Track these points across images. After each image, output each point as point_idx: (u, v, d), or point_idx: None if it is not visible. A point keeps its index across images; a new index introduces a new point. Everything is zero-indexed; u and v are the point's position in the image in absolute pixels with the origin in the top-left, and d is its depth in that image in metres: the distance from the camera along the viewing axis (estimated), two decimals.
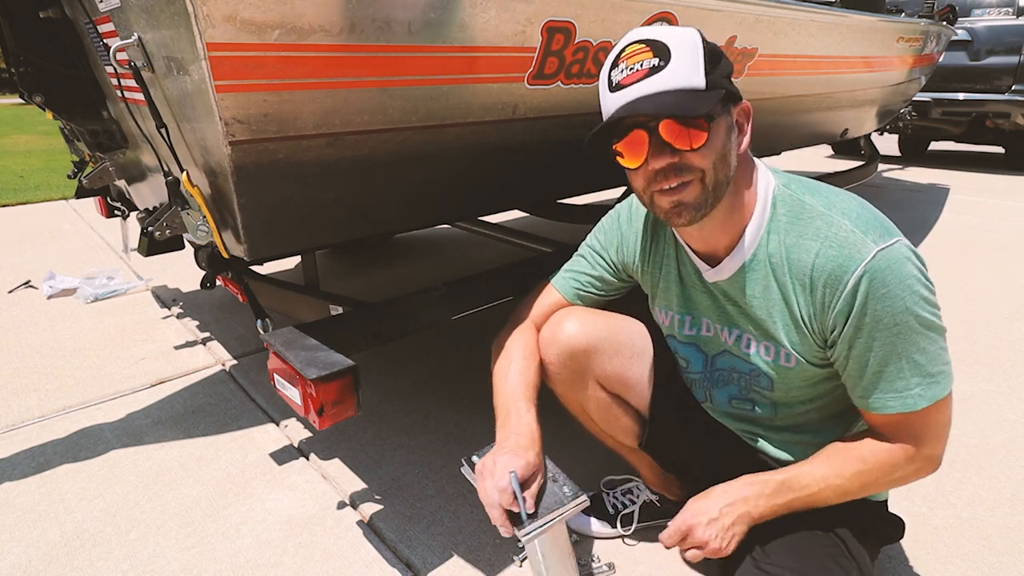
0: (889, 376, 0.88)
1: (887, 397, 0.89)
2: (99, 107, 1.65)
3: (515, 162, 1.62)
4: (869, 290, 0.84)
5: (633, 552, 1.31)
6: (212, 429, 1.78)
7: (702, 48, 0.85)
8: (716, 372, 1.11)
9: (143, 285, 2.98)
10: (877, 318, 0.85)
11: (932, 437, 0.92)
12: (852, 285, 0.85)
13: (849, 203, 0.90)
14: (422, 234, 3.75)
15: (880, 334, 0.86)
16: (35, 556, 1.31)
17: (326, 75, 1.10)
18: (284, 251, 1.39)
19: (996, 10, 5.77)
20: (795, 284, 0.92)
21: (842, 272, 0.86)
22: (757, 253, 0.94)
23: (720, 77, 0.86)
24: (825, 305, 0.89)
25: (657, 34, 0.86)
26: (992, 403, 1.90)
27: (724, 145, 0.87)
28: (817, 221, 0.90)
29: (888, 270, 0.84)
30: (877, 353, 0.88)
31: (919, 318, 0.85)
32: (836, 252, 0.87)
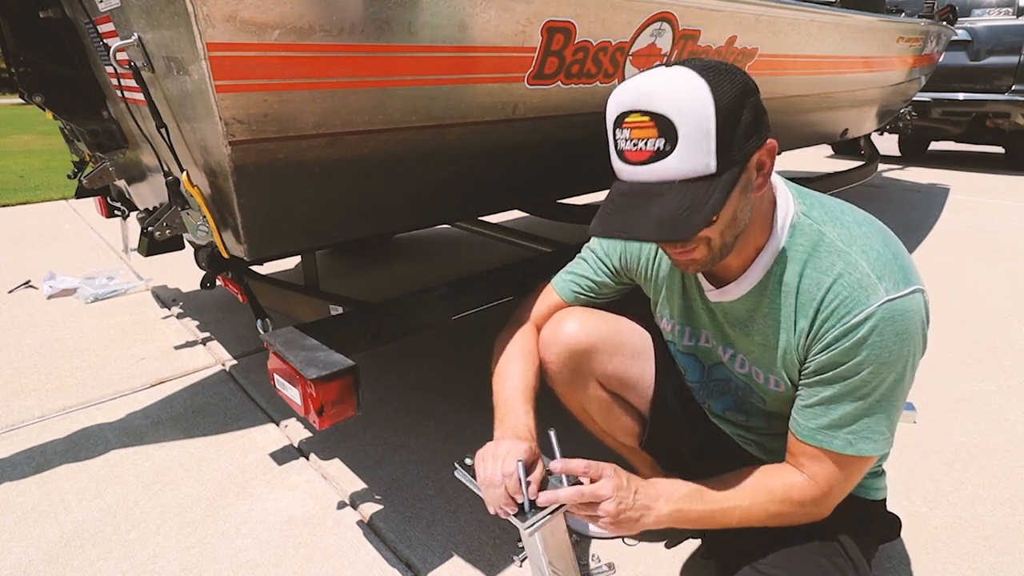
0: (835, 414, 0.89)
1: (823, 431, 0.90)
2: (99, 107, 1.65)
3: (515, 162, 1.62)
4: (865, 337, 0.84)
5: (633, 552, 1.31)
6: (212, 429, 1.78)
7: (714, 120, 0.76)
8: (712, 383, 1.12)
9: (143, 285, 2.98)
10: (858, 364, 0.85)
11: (839, 486, 0.92)
12: (850, 326, 0.84)
13: (870, 240, 0.88)
14: (422, 234, 3.75)
15: (852, 378, 0.86)
16: (35, 556, 1.31)
17: (326, 75, 1.10)
18: (284, 251, 1.39)
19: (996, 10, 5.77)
20: (799, 313, 0.90)
21: (846, 312, 0.85)
22: (767, 280, 0.93)
23: (739, 142, 0.79)
24: (819, 335, 0.89)
25: (663, 102, 0.76)
26: (992, 403, 1.90)
27: (735, 211, 0.84)
28: (834, 256, 0.87)
29: (890, 322, 0.83)
30: (838, 390, 0.88)
31: (895, 381, 0.86)
32: (847, 293, 0.85)
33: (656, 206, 0.78)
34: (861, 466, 0.92)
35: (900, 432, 1.10)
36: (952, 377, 2.06)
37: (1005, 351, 2.26)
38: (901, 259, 0.87)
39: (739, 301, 0.97)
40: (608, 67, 1.58)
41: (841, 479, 0.91)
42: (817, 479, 0.92)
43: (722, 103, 0.76)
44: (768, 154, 0.84)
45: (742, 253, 0.92)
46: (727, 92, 0.77)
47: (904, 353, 0.84)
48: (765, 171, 0.85)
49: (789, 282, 0.91)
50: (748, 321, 0.97)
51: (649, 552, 1.31)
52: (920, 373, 2.03)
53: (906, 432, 1.69)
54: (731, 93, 0.77)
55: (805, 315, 0.89)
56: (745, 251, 0.92)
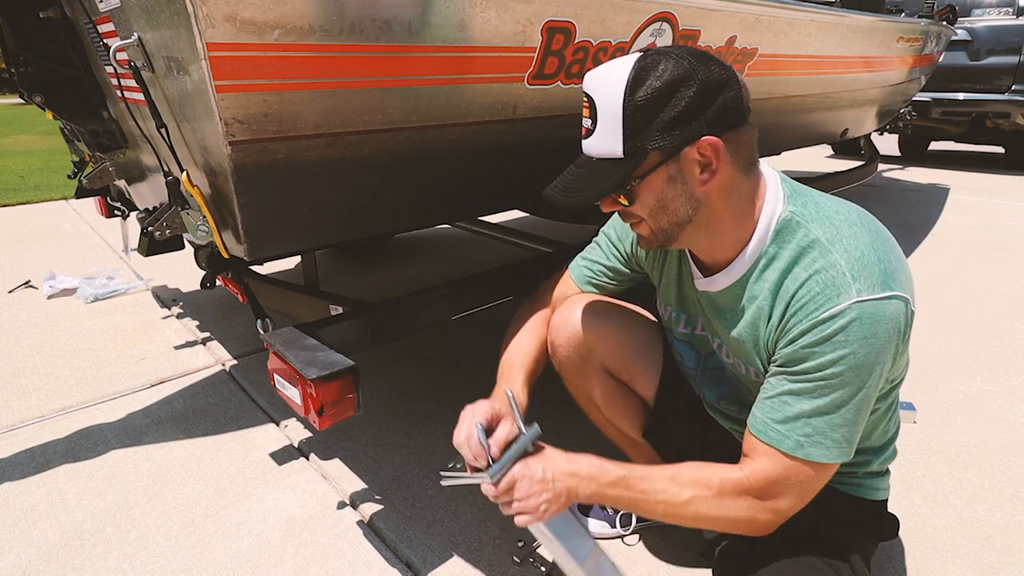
0: (791, 410, 0.86)
1: (777, 427, 0.87)
2: (99, 107, 1.65)
3: (515, 162, 1.62)
4: (830, 336, 0.82)
5: (633, 552, 1.31)
6: (212, 429, 1.78)
7: (621, 109, 0.82)
8: (708, 371, 1.12)
9: (143, 285, 2.98)
10: (820, 363, 0.83)
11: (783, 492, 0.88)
12: (816, 321, 0.83)
13: (857, 241, 0.86)
14: (422, 234, 3.75)
15: (812, 375, 0.84)
16: (35, 556, 1.31)
17: (326, 75, 1.10)
18: (284, 251, 1.39)
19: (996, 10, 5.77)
20: (775, 307, 0.90)
21: (815, 308, 0.83)
22: (750, 276, 0.93)
23: (653, 133, 0.82)
24: (786, 328, 0.88)
25: (594, 87, 0.86)
26: (992, 403, 1.90)
27: (661, 198, 0.87)
28: (814, 253, 0.87)
29: (857, 324, 0.80)
30: (797, 385, 0.86)
31: (857, 388, 0.83)
32: (818, 289, 0.84)
33: (574, 175, 0.91)
34: (811, 474, 0.86)
35: (900, 432, 1.10)
36: (952, 377, 2.06)
37: (1005, 351, 2.26)
38: (886, 263, 0.84)
39: (724, 292, 0.97)
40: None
41: (787, 484, 0.87)
42: (759, 478, 0.88)
43: (636, 93, 0.81)
44: (711, 151, 0.83)
45: (729, 247, 0.93)
46: (653, 82, 0.81)
47: (869, 359, 0.81)
48: (713, 167, 0.85)
49: (770, 277, 0.90)
50: (731, 312, 0.97)
51: (648, 552, 1.31)
52: (920, 373, 2.06)
53: (906, 432, 1.69)
54: (657, 84, 0.81)
55: (779, 309, 0.89)
56: (724, 243, 0.93)
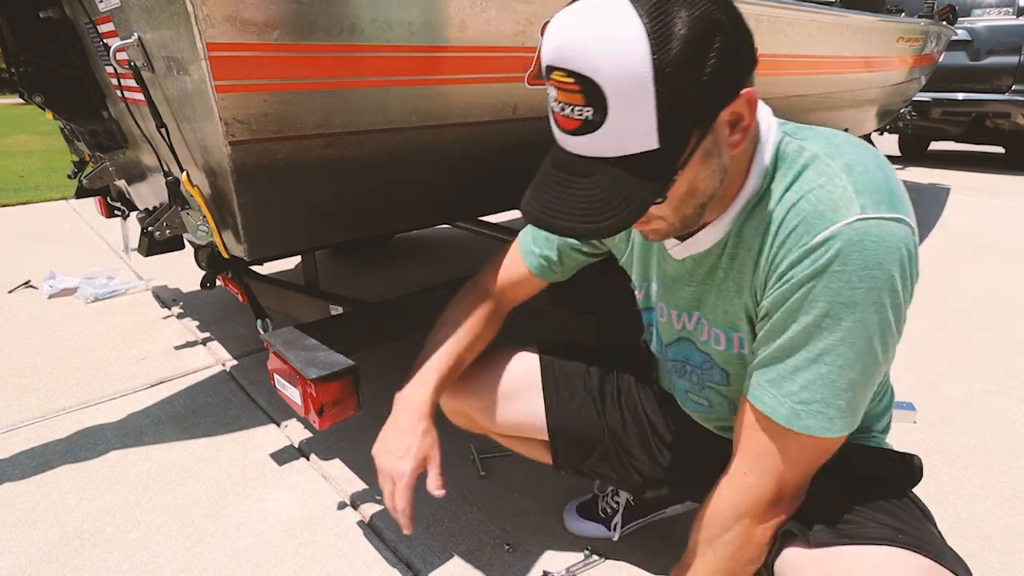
0: (784, 368, 0.71)
1: (767, 390, 0.73)
2: (99, 107, 1.65)
3: (515, 162, 1.62)
4: (825, 265, 0.66)
5: (632, 553, 1.31)
6: (212, 429, 1.78)
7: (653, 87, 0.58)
8: (669, 362, 1.00)
9: (143, 285, 2.98)
10: (814, 296, 0.67)
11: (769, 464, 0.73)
12: (808, 248, 0.67)
13: (862, 158, 0.70)
14: (422, 234, 3.75)
15: (804, 319, 0.68)
16: (35, 556, 1.31)
17: (326, 75, 1.10)
18: (284, 251, 1.39)
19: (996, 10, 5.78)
20: (764, 245, 0.74)
21: (806, 231, 0.68)
22: (741, 220, 0.78)
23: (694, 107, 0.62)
24: (774, 263, 0.72)
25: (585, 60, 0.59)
26: (992, 403, 1.90)
27: (692, 182, 0.68)
28: (810, 172, 0.71)
29: (858, 247, 0.64)
30: (788, 338, 0.70)
31: (859, 333, 0.66)
32: (811, 208, 0.68)
33: (584, 188, 0.65)
34: (807, 450, 0.72)
35: (900, 432, 1.10)
36: (952, 377, 2.06)
37: (1005, 351, 2.26)
38: (893, 184, 0.69)
39: (709, 251, 0.82)
40: None
41: (782, 464, 0.72)
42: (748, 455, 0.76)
43: (668, 59, 0.58)
44: (745, 105, 0.66)
45: (714, 207, 0.77)
46: (678, 40, 0.58)
47: (872, 296, 0.65)
48: (743, 124, 0.67)
49: (761, 213, 0.74)
50: (713, 271, 0.83)
51: (649, 552, 1.31)
52: (920, 373, 2.06)
53: (906, 432, 1.69)
54: (684, 41, 0.58)
55: (767, 244, 0.73)
56: (718, 204, 0.77)
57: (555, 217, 0.67)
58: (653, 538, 1.35)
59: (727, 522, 0.78)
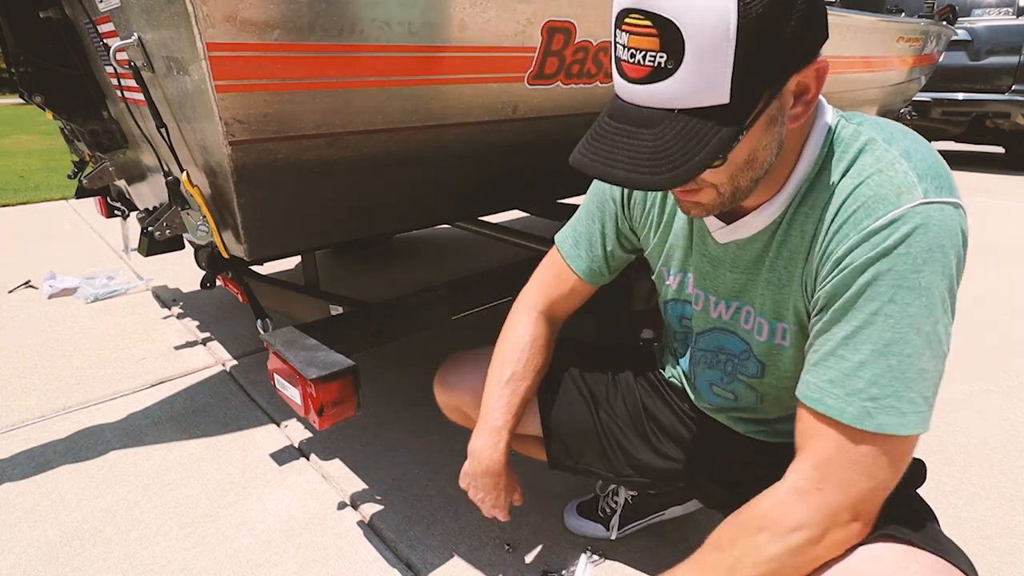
0: (848, 363, 0.66)
1: (828, 391, 0.66)
2: (99, 107, 1.65)
3: (515, 162, 1.62)
4: (889, 248, 0.63)
5: (632, 554, 1.31)
6: (212, 429, 1.78)
7: (735, 38, 0.57)
8: (699, 352, 0.97)
9: (143, 285, 2.98)
10: (877, 281, 0.64)
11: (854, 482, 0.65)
12: (870, 231, 0.64)
13: (917, 143, 0.69)
14: (422, 234, 3.75)
15: (868, 304, 0.64)
16: (35, 556, 1.31)
17: (326, 75, 1.10)
18: (284, 251, 1.39)
19: (996, 10, 5.78)
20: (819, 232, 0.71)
21: (868, 213, 0.65)
22: (791, 205, 0.75)
23: (768, 65, 0.60)
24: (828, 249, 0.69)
25: (671, 3, 0.57)
26: (992, 403, 1.90)
27: (753, 150, 0.66)
28: (867, 157, 0.69)
29: (924, 231, 0.62)
30: (850, 327, 0.66)
31: (926, 317, 0.63)
32: (871, 193, 0.66)
33: (645, 140, 0.63)
34: (886, 453, 0.64)
35: None
36: (952, 377, 2.06)
37: (1005, 351, 2.26)
38: (948, 170, 0.67)
39: (755, 237, 0.79)
40: (608, 67, 1.58)
41: (857, 473, 0.64)
42: (819, 471, 0.66)
43: (754, 12, 0.56)
44: (815, 77, 0.64)
45: (767, 191, 0.75)
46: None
47: (936, 280, 0.62)
48: (808, 97, 0.66)
49: (816, 200, 0.72)
50: (760, 259, 0.80)
51: (648, 553, 1.31)
52: None
53: None
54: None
55: (823, 231, 0.70)
56: (769, 186, 0.74)
57: (612, 167, 0.64)
58: (653, 538, 1.35)
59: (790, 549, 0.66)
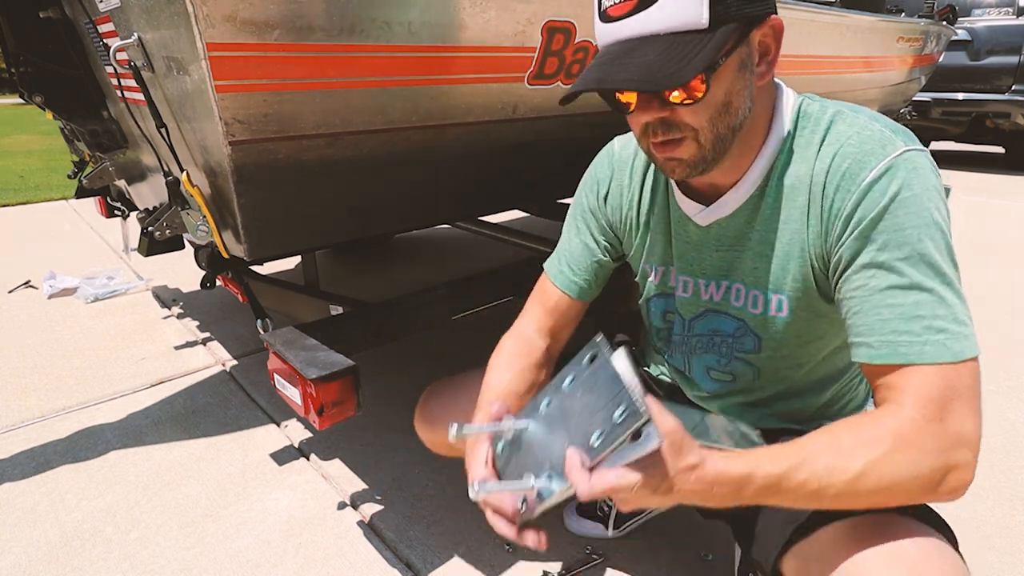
0: (904, 309, 0.66)
1: (897, 339, 0.66)
2: (99, 107, 1.65)
3: (515, 162, 1.62)
4: (893, 189, 0.68)
5: (631, 553, 1.31)
6: (212, 429, 1.78)
7: None
8: (694, 338, 0.97)
9: (143, 285, 2.98)
10: (899, 225, 0.68)
11: (959, 408, 0.64)
12: (872, 178, 0.70)
13: (878, 114, 0.77)
14: (422, 234, 3.75)
15: (898, 249, 0.68)
16: (35, 556, 1.31)
17: (326, 75, 1.10)
18: (284, 251, 1.39)
19: (996, 10, 5.78)
20: (810, 202, 0.76)
21: (861, 167, 0.71)
22: (769, 180, 0.80)
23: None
24: (834, 212, 0.73)
25: None
26: (992, 403, 1.89)
27: (729, 92, 0.71)
28: (840, 125, 0.75)
29: (917, 172, 0.69)
30: (891, 273, 0.68)
31: (945, 241, 0.68)
32: (856, 149, 0.72)
33: (640, 56, 0.68)
34: (971, 377, 0.65)
35: None
36: None
37: (1005, 351, 2.26)
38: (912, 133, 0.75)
39: (736, 214, 0.83)
40: None
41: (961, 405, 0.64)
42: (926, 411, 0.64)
43: None
44: (773, 36, 0.73)
45: (741, 163, 0.80)
46: None
47: (940, 215, 0.69)
48: (769, 57, 0.74)
49: (797, 170, 0.78)
50: (744, 234, 0.84)
51: (648, 553, 1.31)
52: None
53: None
54: None
55: (815, 197, 0.75)
56: (744, 160, 0.79)
57: (618, 73, 0.69)
58: (654, 538, 1.35)
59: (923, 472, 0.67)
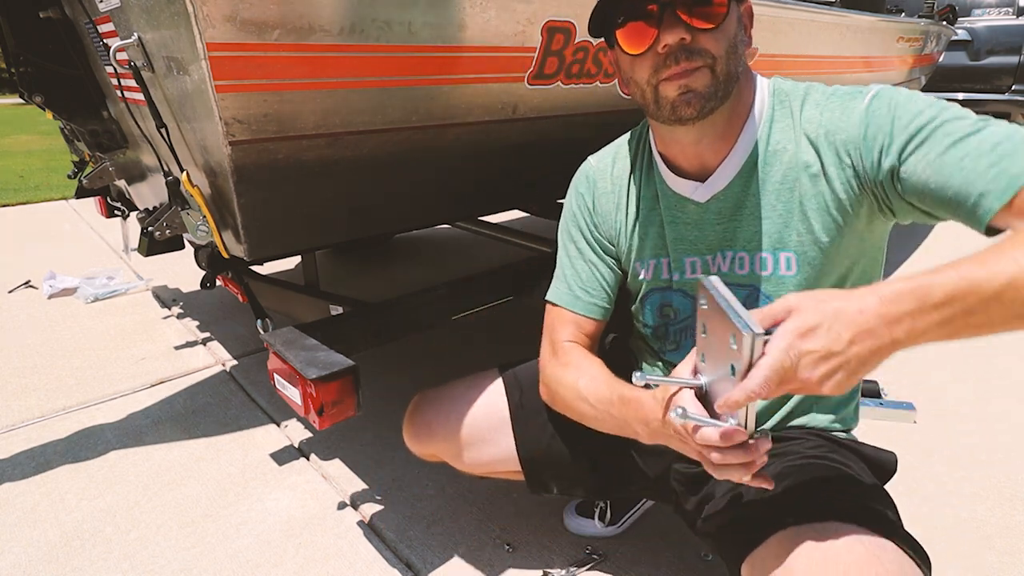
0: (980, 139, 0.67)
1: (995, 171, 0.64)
2: (99, 107, 1.65)
3: (515, 162, 1.62)
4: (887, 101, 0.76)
5: (631, 553, 1.31)
6: (212, 429, 1.78)
7: None
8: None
9: (143, 285, 2.98)
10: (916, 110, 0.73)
11: None
12: (867, 102, 0.78)
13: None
14: (422, 234, 3.75)
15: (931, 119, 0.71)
16: (35, 556, 1.31)
17: (326, 75, 1.10)
18: (284, 251, 1.39)
19: (996, 10, 5.78)
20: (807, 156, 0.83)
21: (849, 109, 0.80)
22: (757, 147, 0.86)
23: None
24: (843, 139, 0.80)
25: None
26: (992, 403, 1.89)
27: (735, 35, 0.80)
28: (815, 94, 0.85)
29: (897, 89, 0.78)
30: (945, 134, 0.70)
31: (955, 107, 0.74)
32: (840, 98, 0.82)
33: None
34: None
35: (900, 432, 1.10)
36: (952, 378, 2.06)
37: (1005, 351, 2.26)
38: None
39: (731, 185, 0.88)
40: (608, 67, 1.58)
41: None
42: None
43: None
44: (748, 16, 0.85)
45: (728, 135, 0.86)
46: None
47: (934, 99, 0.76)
48: (747, 34, 0.85)
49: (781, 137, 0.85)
50: (742, 203, 0.88)
51: (650, 550, 1.31)
52: (920, 374, 2.06)
53: (906, 432, 1.69)
54: None
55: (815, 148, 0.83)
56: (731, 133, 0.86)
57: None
58: (654, 538, 1.35)
59: None
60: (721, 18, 0.77)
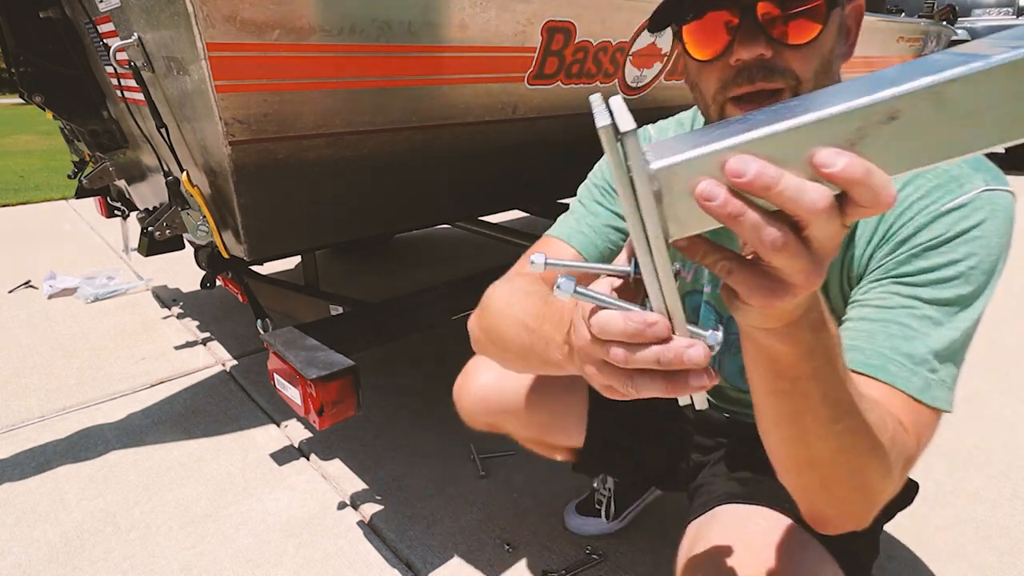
0: (911, 334, 0.61)
1: (894, 357, 0.60)
2: (99, 107, 1.66)
3: (515, 162, 1.62)
4: (969, 224, 0.62)
5: (633, 551, 1.31)
6: (212, 429, 1.78)
7: None
8: (731, 336, 0.88)
9: (143, 285, 2.98)
10: (951, 268, 0.62)
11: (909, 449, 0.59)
12: (948, 208, 0.63)
13: None
14: (422, 234, 3.75)
15: (939, 283, 0.62)
16: (35, 556, 1.31)
17: (326, 75, 1.10)
18: (284, 251, 1.39)
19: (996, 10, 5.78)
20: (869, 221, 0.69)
21: (931, 202, 0.64)
22: None
23: None
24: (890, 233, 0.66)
25: None
26: (992, 403, 1.89)
27: (832, 51, 0.64)
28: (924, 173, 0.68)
29: (994, 214, 0.62)
30: (923, 297, 0.62)
31: (988, 294, 0.64)
32: (932, 185, 0.65)
33: None
34: (931, 427, 0.61)
35: None
36: None
37: (1005, 351, 2.26)
38: (995, 166, 0.68)
39: None
40: (608, 67, 1.58)
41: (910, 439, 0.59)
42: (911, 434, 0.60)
43: None
44: (855, 18, 0.67)
45: None
46: None
47: (996, 265, 0.63)
48: (850, 40, 0.68)
49: None
50: None
51: (650, 550, 1.31)
52: None
53: None
54: None
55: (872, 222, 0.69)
56: None
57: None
58: (654, 538, 1.35)
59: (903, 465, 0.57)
60: (816, 32, 0.61)
